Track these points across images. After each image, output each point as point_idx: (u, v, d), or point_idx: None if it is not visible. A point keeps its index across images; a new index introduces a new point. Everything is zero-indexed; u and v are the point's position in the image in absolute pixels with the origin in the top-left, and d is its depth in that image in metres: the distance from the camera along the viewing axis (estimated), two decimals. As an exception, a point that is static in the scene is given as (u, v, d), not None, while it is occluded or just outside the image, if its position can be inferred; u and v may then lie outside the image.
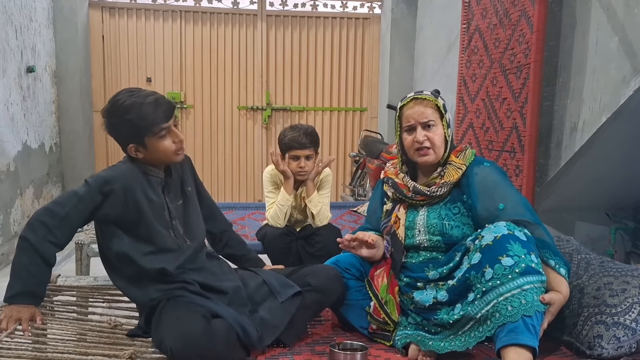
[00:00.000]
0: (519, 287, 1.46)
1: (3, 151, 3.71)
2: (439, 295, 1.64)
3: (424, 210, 1.79)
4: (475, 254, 1.55)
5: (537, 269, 1.50)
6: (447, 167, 1.77)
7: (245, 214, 3.54)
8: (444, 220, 1.74)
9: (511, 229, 1.54)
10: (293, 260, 2.44)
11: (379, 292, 1.76)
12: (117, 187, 1.63)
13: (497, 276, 1.49)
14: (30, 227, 1.60)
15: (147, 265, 1.65)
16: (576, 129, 2.46)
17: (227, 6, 5.44)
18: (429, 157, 1.75)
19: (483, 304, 1.50)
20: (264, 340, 1.63)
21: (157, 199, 1.70)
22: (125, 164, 1.72)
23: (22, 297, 1.61)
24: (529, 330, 1.44)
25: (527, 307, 1.45)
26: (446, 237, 1.73)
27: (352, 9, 5.65)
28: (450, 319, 1.58)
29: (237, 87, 5.56)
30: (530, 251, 1.51)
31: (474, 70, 3.22)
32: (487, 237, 1.55)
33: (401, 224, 1.80)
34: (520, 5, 2.69)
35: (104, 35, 5.29)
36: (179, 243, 1.73)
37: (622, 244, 2.93)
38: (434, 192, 1.75)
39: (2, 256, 3.66)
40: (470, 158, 1.78)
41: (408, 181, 1.82)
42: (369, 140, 4.60)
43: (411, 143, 1.77)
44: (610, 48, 2.22)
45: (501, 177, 1.74)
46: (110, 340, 1.65)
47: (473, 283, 1.55)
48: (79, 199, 1.60)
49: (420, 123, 1.75)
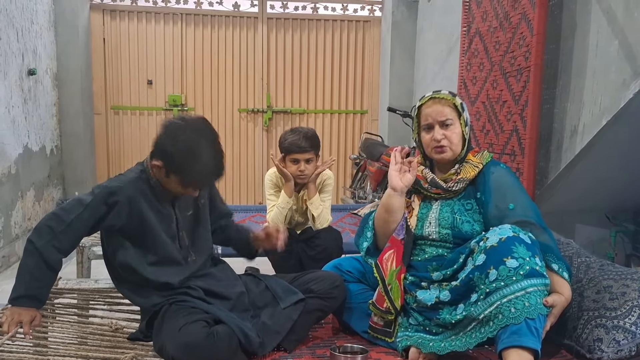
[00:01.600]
0: (523, 289, 1.47)
1: (4, 154, 3.72)
2: (442, 295, 1.64)
3: (438, 204, 1.81)
4: (479, 255, 1.55)
5: (542, 272, 1.50)
6: (464, 164, 1.80)
7: (246, 216, 3.54)
8: (456, 214, 1.76)
9: (516, 231, 1.55)
10: (294, 263, 2.44)
11: (387, 276, 1.74)
12: (122, 198, 1.62)
13: (502, 277, 1.49)
14: (37, 230, 1.61)
15: (152, 277, 1.66)
16: (576, 131, 2.46)
17: (227, 9, 5.45)
18: (446, 154, 1.78)
19: (486, 305, 1.50)
20: (265, 346, 1.64)
21: (164, 210, 1.70)
22: (134, 172, 1.70)
23: (24, 300, 1.61)
24: (532, 332, 1.44)
25: (530, 309, 1.45)
26: (455, 231, 1.74)
27: (353, 11, 5.66)
28: (453, 319, 1.58)
29: (237, 89, 5.56)
30: (534, 254, 1.52)
31: (474, 73, 3.23)
32: (492, 238, 1.55)
33: (414, 214, 1.82)
34: (521, 8, 2.70)
35: (105, 38, 5.29)
36: (183, 255, 1.73)
37: (622, 247, 2.93)
38: (450, 187, 1.78)
39: (3, 259, 3.66)
40: (487, 158, 1.81)
41: (427, 173, 1.84)
42: (369, 143, 4.60)
43: (429, 141, 1.80)
44: (610, 51, 2.22)
45: (515, 180, 1.79)
46: (111, 343, 1.65)
47: (477, 284, 1.55)
48: (85, 208, 1.60)
49: (438, 122, 1.78)
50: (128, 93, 5.38)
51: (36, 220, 4.14)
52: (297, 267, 2.41)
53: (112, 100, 5.38)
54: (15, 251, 3.82)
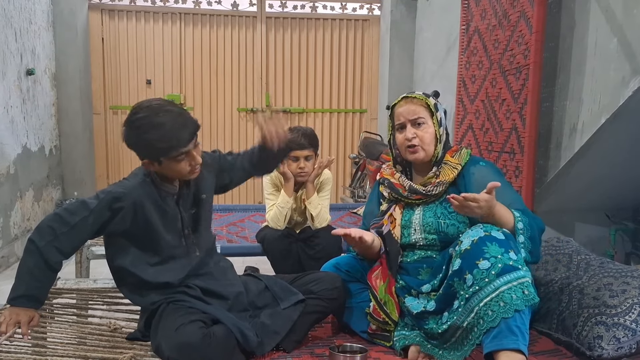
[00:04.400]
0: (496, 289, 1.46)
1: (3, 154, 3.71)
2: (429, 305, 1.64)
3: (420, 210, 1.80)
4: (456, 260, 1.55)
5: (516, 265, 1.48)
6: (442, 166, 1.78)
7: (244, 215, 3.54)
8: (440, 218, 1.75)
9: (488, 230, 1.54)
10: (292, 262, 2.44)
11: (378, 293, 1.76)
12: (127, 204, 1.61)
13: (477, 281, 1.48)
14: (38, 230, 1.59)
15: (151, 279, 1.65)
16: (575, 130, 2.46)
17: (226, 8, 5.44)
18: (419, 154, 1.77)
19: (467, 312, 1.50)
20: (264, 345, 1.63)
21: (170, 210, 1.69)
22: (138, 176, 1.70)
23: (23, 300, 1.61)
24: (513, 332, 1.43)
25: (505, 309, 1.44)
26: (442, 236, 1.74)
27: (352, 10, 5.66)
28: (440, 329, 1.58)
29: (236, 89, 5.56)
30: (508, 249, 1.50)
31: (473, 72, 3.22)
32: (465, 242, 1.54)
33: (397, 224, 1.81)
34: (520, 7, 2.69)
35: (103, 38, 5.28)
36: (188, 251, 1.72)
37: (621, 245, 2.92)
38: (430, 191, 1.76)
39: (2, 259, 3.65)
40: (465, 158, 1.79)
41: (404, 180, 1.83)
42: (368, 142, 4.60)
43: (402, 141, 1.79)
44: (610, 49, 2.22)
45: (498, 176, 1.76)
46: (110, 343, 1.65)
47: (457, 290, 1.54)
48: (89, 212, 1.58)
49: (409, 120, 1.77)
50: (127, 93, 5.37)
51: (35, 221, 4.14)
52: (296, 266, 2.41)
53: (110, 100, 5.38)
54: (14, 251, 3.81)
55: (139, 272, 1.65)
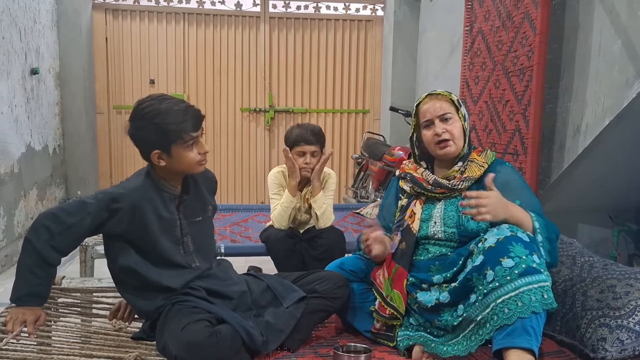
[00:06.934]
0: (516, 289, 1.47)
1: (7, 153, 3.72)
2: (442, 296, 1.64)
3: (442, 204, 1.81)
4: (478, 256, 1.56)
5: (539, 268, 1.50)
6: (468, 164, 1.80)
7: (248, 215, 3.55)
8: (461, 212, 1.75)
9: (514, 230, 1.55)
10: (296, 263, 2.44)
11: (383, 290, 1.77)
12: (125, 205, 1.61)
13: (498, 278, 1.49)
14: (34, 230, 1.60)
15: (155, 278, 1.66)
16: (579, 131, 2.46)
17: (230, 8, 5.45)
18: (450, 148, 1.78)
19: (483, 307, 1.51)
20: (269, 344, 1.64)
21: (168, 215, 1.69)
22: (139, 178, 1.70)
23: (27, 298, 1.62)
24: (527, 332, 1.44)
25: (523, 309, 1.45)
26: (461, 230, 1.75)
27: (355, 11, 5.66)
28: (455, 321, 1.58)
29: (240, 89, 5.57)
30: (532, 251, 1.52)
31: (476, 73, 3.22)
32: (490, 239, 1.56)
33: (416, 218, 1.82)
34: (523, 8, 2.69)
35: (107, 37, 5.30)
36: (187, 261, 1.72)
37: (625, 247, 2.92)
38: (455, 185, 1.77)
39: (6, 258, 3.67)
40: (491, 158, 1.82)
41: (428, 175, 1.84)
42: (371, 142, 4.60)
43: (431, 137, 1.80)
44: (614, 51, 2.22)
45: (520, 178, 1.82)
46: (115, 342, 1.66)
47: (475, 285, 1.56)
48: (87, 212, 1.59)
49: (437, 117, 1.79)
50: (130, 92, 5.38)
51: (39, 220, 4.15)
52: (300, 267, 2.41)
53: (114, 100, 5.39)
54: (18, 250, 3.77)
55: (143, 271, 1.65)
